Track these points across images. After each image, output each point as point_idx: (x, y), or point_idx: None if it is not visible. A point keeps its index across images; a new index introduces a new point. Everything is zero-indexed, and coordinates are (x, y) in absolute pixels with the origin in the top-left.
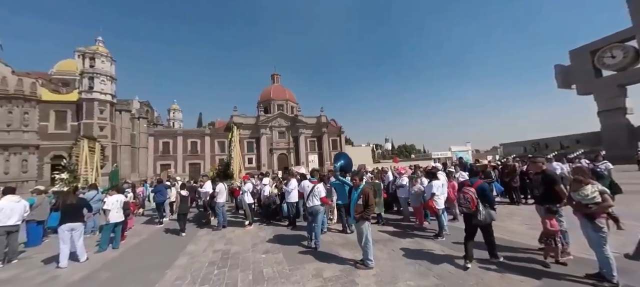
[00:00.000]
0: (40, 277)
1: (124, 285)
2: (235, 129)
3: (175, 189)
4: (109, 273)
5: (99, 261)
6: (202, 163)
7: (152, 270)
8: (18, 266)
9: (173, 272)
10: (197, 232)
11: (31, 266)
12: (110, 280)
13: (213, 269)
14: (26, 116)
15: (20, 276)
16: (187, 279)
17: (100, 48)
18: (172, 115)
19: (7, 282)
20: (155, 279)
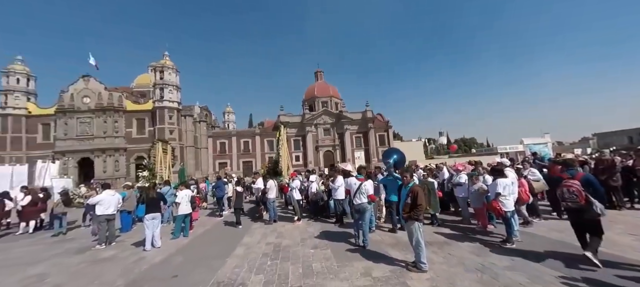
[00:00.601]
0: (132, 257)
1: (193, 269)
2: (283, 129)
3: (231, 185)
4: (181, 258)
5: (174, 247)
6: (254, 161)
7: (215, 258)
8: (116, 248)
9: (232, 261)
10: (251, 226)
11: (125, 248)
12: (183, 264)
13: (266, 260)
14: (116, 124)
15: (118, 256)
16: (244, 267)
17: (167, 62)
18: (227, 117)
19: (110, 259)
20: (218, 266)
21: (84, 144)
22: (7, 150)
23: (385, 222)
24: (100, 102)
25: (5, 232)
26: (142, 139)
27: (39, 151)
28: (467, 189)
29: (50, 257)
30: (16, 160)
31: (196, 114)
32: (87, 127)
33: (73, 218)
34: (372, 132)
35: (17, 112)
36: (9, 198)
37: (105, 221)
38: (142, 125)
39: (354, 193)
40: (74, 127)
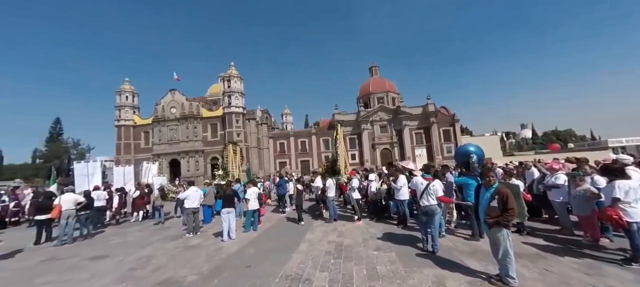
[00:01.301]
0: (213, 246)
1: (263, 261)
2: (340, 127)
3: (292, 184)
4: (253, 250)
5: (246, 239)
6: (311, 160)
7: (282, 252)
8: (200, 237)
9: (297, 256)
10: (312, 223)
11: (207, 237)
12: (255, 255)
13: (329, 258)
14: (195, 130)
15: (202, 244)
16: (309, 264)
17: (233, 71)
18: (285, 118)
19: (197, 247)
20: (285, 260)
21: (173, 147)
22: (121, 154)
23: (456, 227)
24: (183, 112)
25: (124, 220)
26: (215, 142)
27: (142, 154)
28: (567, 193)
29: (154, 242)
30: (126, 162)
31: (258, 117)
32: (175, 133)
33: (168, 210)
34: (435, 127)
35: (127, 123)
36: (124, 192)
37: (191, 213)
38: (215, 130)
39: (421, 194)
40: (165, 134)
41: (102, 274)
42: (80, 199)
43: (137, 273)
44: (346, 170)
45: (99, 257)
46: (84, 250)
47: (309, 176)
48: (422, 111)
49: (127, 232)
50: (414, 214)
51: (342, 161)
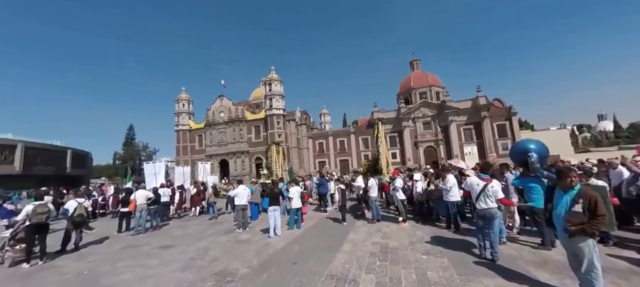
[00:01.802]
0: (261, 241)
1: (308, 259)
2: (381, 125)
3: (333, 183)
4: (298, 247)
5: (291, 237)
6: (350, 159)
7: (326, 250)
8: (249, 232)
9: (342, 256)
10: (355, 223)
11: (255, 233)
12: (300, 252)
13: (375, 260)
14: (241, 132)
15: (251, 239)
16: (354, 264)
17: (273, 75)
18: (323, 118)
19: (246, 242)
20: (329, 259)
21: (222, 149)
22: (180, 155)
23: (520, 234)
24: (230, 115)
25: (185, 214)
26: (259, 143)
27: (197, 155)
28: None
29: (209, 235)
30: (184, 162)
31: (297, 118)
32: (223, 135)
33: (220, 206)
34: (487, 122)
35: (184, 128)
36: (184, 189)
37: (241, 209)
38: (258, 131)
39: (477, 196)
40: (216, 136)
41: (169, 261)
42: (150, 195)
43: (197, 263)
44: (388, 169)
45: (166, 246)
46: (154, 239)
47: (350, 175)
48: (471, 105)
49: (187, 225)
50: (467, 217)
51: (384, 160)
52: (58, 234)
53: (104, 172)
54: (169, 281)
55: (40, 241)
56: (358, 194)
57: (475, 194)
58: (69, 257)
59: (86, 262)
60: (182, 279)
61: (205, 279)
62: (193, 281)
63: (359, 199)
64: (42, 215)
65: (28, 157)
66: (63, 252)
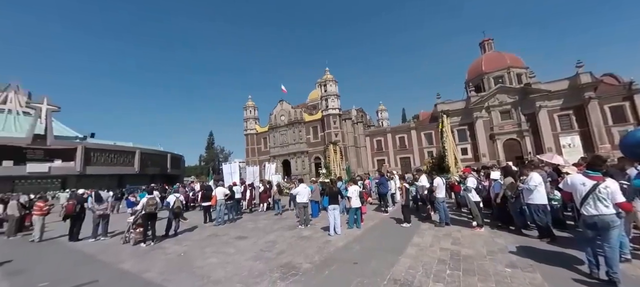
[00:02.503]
0: (322, 239)
1: (370, 260)
2: (446, 118)
3: (394, 182)
4: (358, 246)
5: (351, 236)
6: (412, 157)
7: (387, 252)
8: (311, 229)
9: (405, 260)
10: (420, 226)
11: (316, 230)
12: (361, 252)
13: (444, 267)
14: (300, 134)
15: (313, 236)
16: (420, 270)
17: (328, 76)
18: (380, 115)
19: (308, 238)
20: (392, 262)
21: (284, 149)
22: (249, 156)
23: None
24: (289, 118)
25: (255, 209)
26: (316, 143)
27: (263, 156)
28: None
29: (276, 230)
30: (253, 163)
31: (353, 116)
32: (285, 137)
33: (283, 203)
34: (595, 105)
35: (251, 132)
36: (253, 187)
37: (302, 207)
38: (316, 132)
39: (584, 198)
40: (278, 138)
41: (243, 251)
42: (227, 191)
43: (266, 254)
44: (457, 167)
45: (241, 237)
46: (231, 231)
47: (412, 174)
48: (568, 85)
49: (257, 219)
50: (566, 225)
51: (451, 156)
52: (162, 221)
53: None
54: (244, 268)
55: (151, 226)
56: (422, 194)
57: (580, 196)
58: (170, 240)
59: (183, 245)
60: (253, 267)
61: (273, 270)
62: (263, 270)
63: (423, 200)
64: (152, 206)
65: (143, 160)
66: (166, 237)
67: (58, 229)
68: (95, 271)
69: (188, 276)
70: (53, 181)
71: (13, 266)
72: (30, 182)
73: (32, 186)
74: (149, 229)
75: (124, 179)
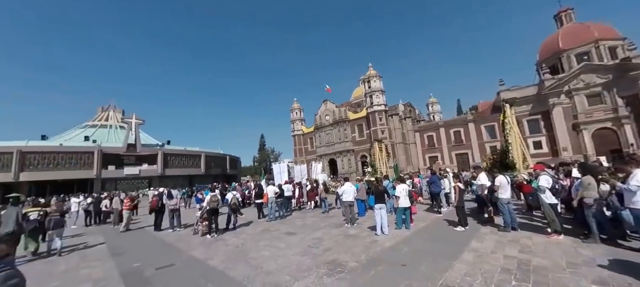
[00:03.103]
0: (368, 238)
1: (419, 263)
2: (509, 108)
3: (447, 181)
4: (407, 248)
5: (399, 237)
6: (469, 152)
7: (440, 256)
8: (357, 228)
9: (461, 266)
10: (479, 229)
11: (362, 229)
12: (409, 255)
13: (509, 277)
14: (345, 132)
15: (359, 235)
16: (478, 278)
17: (371, 71)
18: (431, 108)
19: (354, 237)
20: (445, 267)
21: (330, 149)
22: (297, 156)
23: None
24: (334, 117)
25: (303, 207)
26: (362, 141)
27: (310, 155)
28: None
29: (323, 227)
30: (301, 162)
31: (401, 111)
32: (330, 136)
33: (330, 201)
34: None
35: (298, 133)
36: (301, 186)
37: (348, 205)
38: (361, 130)
39: None
40: (324, 138)
41: (292, 246)
42: (277, 190)
43: (313, 251)
44: (526, 163)
45: (290, 233)
46: (281, 226)
47: (469, 172)
48: None
49: (305, 216)
50: None
51: (517, 151)
52: (223, 216)
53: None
54: (292, 262)
55: (214, 220)
56: (481, 194)
57: None
58: (230, 233)
59: (240, 238)
60: (301, 262)
61: (320, 266)
62: (310, 265)
63: (483, 200)
64: (214, 203)
65: (207, 162)
66: (227, 230)
67: (146, 220)
68: (172, 256)
69: (244, 266)
70: (142, 181)
71: (115, 249)
72: (127, 182)
73: (128, 186)
74: (213, 223)
75: (193, 179)
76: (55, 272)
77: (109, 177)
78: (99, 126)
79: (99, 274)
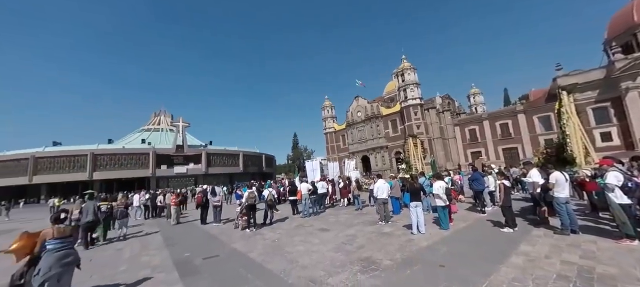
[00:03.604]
0: (403, 237)
1: (460, 264)
2: (566, 96)
3: (492, 178)
4: (446, 248)
5: (437, 236)
6: (519, 147)
7: (483, 259)
8: (391, 226)
9: (508, 271)
10: (530, 231)
11: (397, 228)
12: (448, 255)
13: (567, 285)
14: (378, 128)
15: (394, 233)
16: (529, 284)
17: (405, 64)
18: (473, 99)
19: (389, 235)
20: (488, 271)
21: (362, 146)
22: (329, 154)
23: None
24: (366, 113)
25: (336, 204)
26: (396, 137)
27: (342, 153)
28: None
29: (356, 224)
30: (333, 160)
31: (438, 104)
32: (362, 133)
33: (363, 198)
34: None
35: (330, 130)
36: (334, 183)
37: (382, 203)
38: (394, 125)
39: None
40: (356, 135)
41: (325, 242)
42: (310, 187)
43: (346, 247)
44: (589, 158)
45: (324, 229)
46: (315, 222)
47: (519, 168)
48: None
49: (338, 213)
50: None
51: (577, 143)
52: (260, 212)
53: (283, 170)
54: (326, 258)
55: (252, 215)
56: (533, 192)
57: None
58: (267, 228)
59: (276, 233)
60: (335, 258)
61: (353, 263)
62: (344, 262)
63: (536, 200)
64: (252, 199)
65: (245, 161)
66: (263, 225)
67: (194, 214)
68: (217, 248)
69: (281, 259)
70: (189, 179)
71: (169, 240)
72: (177, 180)
73: (178, 183)
74: (251, 218)
75: (233, 176)
76: (122, 259)
77: (161, 176)
78: (152, 130)
79: (157, 261)
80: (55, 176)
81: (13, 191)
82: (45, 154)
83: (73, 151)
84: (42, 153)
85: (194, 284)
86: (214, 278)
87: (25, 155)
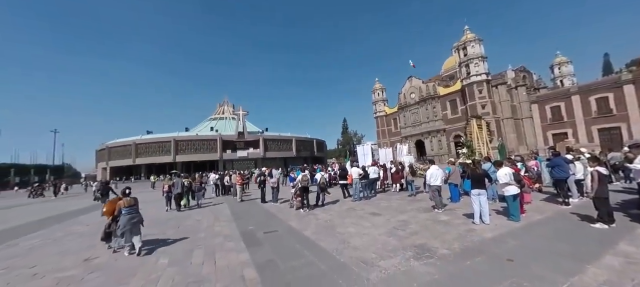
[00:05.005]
0: (463, 226)
1: (533, 260)
2: None
3: (580, 164)
4: (515, 242)
5: (504, 228)
6: (624, 126)
7: (563, 256)
8: (448, 214)
9: (599, 272)
10: (634, 229)
11: (456, 216)
12: (518, 248)
13: None
14: (434, 110)
15: (451, 222)
16: None
17: (468, 36)
18: (558, 71)
19: (446, 223)
20: (571, 270)
21: (416, 129)
22: (380, 138)
23: None
24: (421, 95)
25: (388, 189)
26: (456, 119)
27: (394, 137)
28: None
29: (409, 211)
30: (384, 144)
31: (510, 79)
32: (416, 116)
33: (417, 184)
34: None
35: (381, 114)
36: (386, 168)
37: (436, 190)
38: (454, 106)
39: None
40: (409, 118)
41: (377, 226)
42: (361, 171)
43: (399, 232)
44: None
45: (375, 214)
46: (366, 207)
47: (622, 152)
48: None
49: (390, 198)
50: None
51: None
52: (313, 194)
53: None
54: (378, 241)
55: (306, 197)
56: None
57: None
58: (319, 209)
59: (328, 214)
60: (387, 242)
61: (406, 249)
62: (396, 246)
63: None
64: (305, 181)
65: (297, 146)
66: (316, 206)
67: (255, 193)
68: (275, 224)
69: (333, 239)
70: (250, 162)
71: (235, 215)
72: (240, 163)
73: (241, 165)
74: (305, 199)
75: (287, 160)
76: (201, 228)
77: (227, 159)
78: (218, 119)
79: (227, 231)
80: (150, 159)
81: (124, 170)
82: (143, 141)
83: (161, 138)
84: (140, 140)
85: (258, 253)
86: (274, 250)
87: (128, 142)
